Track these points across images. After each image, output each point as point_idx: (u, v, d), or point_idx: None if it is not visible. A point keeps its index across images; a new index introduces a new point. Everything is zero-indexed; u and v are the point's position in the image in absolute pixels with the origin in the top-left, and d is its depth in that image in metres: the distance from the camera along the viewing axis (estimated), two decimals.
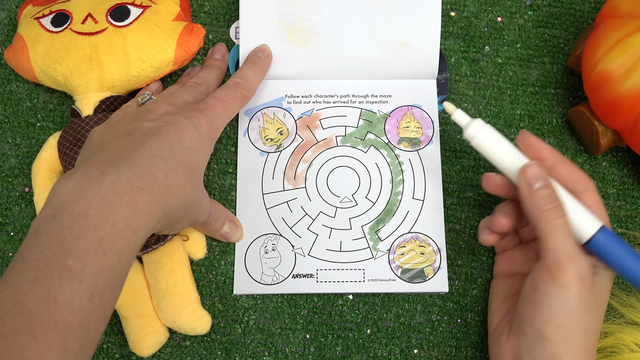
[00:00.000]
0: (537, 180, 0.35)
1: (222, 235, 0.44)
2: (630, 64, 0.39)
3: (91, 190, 0.30)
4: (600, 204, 0.36)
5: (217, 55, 0.48)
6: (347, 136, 0.47)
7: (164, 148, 0.34)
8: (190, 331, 0.42)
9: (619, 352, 0.41)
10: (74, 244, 0.29)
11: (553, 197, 0.34)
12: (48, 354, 0.27)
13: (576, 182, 0.36)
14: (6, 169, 0.47)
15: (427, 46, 0.47)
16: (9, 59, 0.47)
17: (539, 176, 0.35)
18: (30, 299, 0.28)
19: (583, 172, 0.36)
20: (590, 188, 0.36)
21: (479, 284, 0.44)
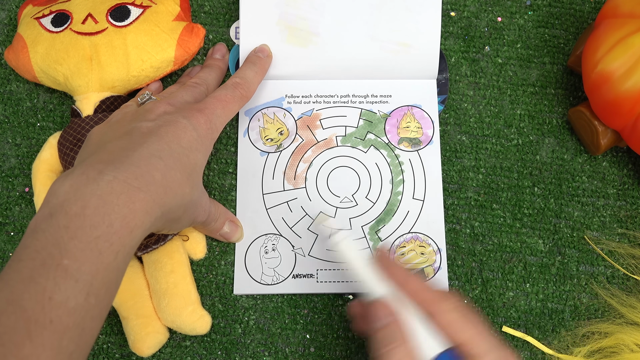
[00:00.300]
0: (380, 318, 0.34)
1: (222, 236, 0.44)
2: (631, 64, 0.39)
3: (88, 190, 0.30)
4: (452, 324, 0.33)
5: (217, 55, 0.48)
6: (347, 136, 0.47)
7: (162, 148, 0.34)
8: (190, 331, 0.42)
9: (619, 352, 0.41)
10: (70, 244, 0.29)
11: (392, 337, 0.33)
12: (43, 353, 0.27)
13: (422, 304, 0.34)
14: (6, 169, 0.47)
15: (427, 46, 0.47)
16: (9, 59, 0.47)
17: (379, 315, 0.34)
18: (26, 298, 0.28)
19: (429, 292, 0.34)
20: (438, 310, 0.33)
21: (479, 284, 0.44)
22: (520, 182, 0.47)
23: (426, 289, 0.34)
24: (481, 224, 0.46)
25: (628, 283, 0.44)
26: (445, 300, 0.33)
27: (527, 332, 0.43)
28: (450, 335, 0.33)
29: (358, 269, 0.36)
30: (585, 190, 0.47)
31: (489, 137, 0.48)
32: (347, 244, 0.37)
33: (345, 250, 0.37)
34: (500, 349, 0.32)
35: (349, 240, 0.37)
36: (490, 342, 0.32)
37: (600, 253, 0.45)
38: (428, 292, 0.34)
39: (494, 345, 0.32)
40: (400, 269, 0.35)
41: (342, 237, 0.38)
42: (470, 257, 0.45)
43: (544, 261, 0.45)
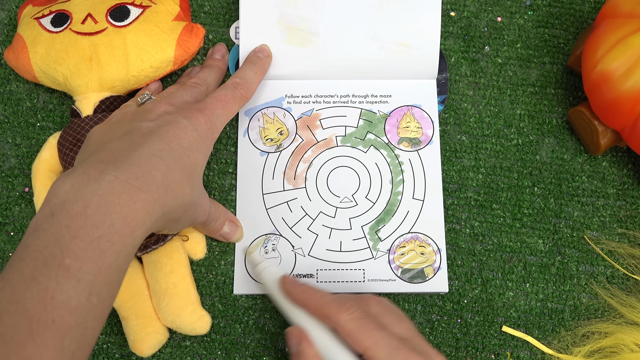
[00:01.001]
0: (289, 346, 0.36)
1: (222, 236, 0.44)
2: (630, 64, 0.39)
3: (89, 190, 0.30)
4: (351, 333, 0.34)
5: (217, 55, 0.48)
6: (347, 136, 0.47)
7: (162, 148, 0.34)
8: (190, 331, 0.42)
9: (619, 352, 0.41)
10: (71, 243, 0.29)
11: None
12: (45, 353, 0.27)
13: (325, 319, 0.35)
14: (6, 169, 0.47)
15: (427, 46, 0.47)
16: (9, 59, 0.47)
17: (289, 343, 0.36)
18: (28, 297, 0.28)
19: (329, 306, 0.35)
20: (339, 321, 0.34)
21: (479, 284, 0.44)
22: (520, 182, 0.47)
23: (326, 304, 0.35)
24: (481, 224, 0.46)
25: (628, 283, 0.44)
26: (344, 312, 0.34)
27: (527, 332, 0.43)
28: (353, 344, 0.34)
29: (276, 298, 0.38)
30: (585, 190, 0.47)
31: (489, 137, 0.48)
32: (267, 273, 0.39)
33: (265, 281, 0.40)
34: (399, 352, 0.33)
35: (269, 270, 0.40)
36: (389, 347, 0.33)
37: (600, 253, 0.45)
38: (327, 306, 0.35)
39: (393, 349, 0.33)
40: (301, 290, 0.37)
41: (262, 267, 0.40)
42: (470, 257, 0.45)
43: (544, 261, 0.45)
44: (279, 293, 0.38)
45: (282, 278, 0.38)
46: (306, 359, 0.35)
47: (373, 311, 0.36)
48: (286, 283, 0.38)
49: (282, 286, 0.38)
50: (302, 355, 0.35)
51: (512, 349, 0.43)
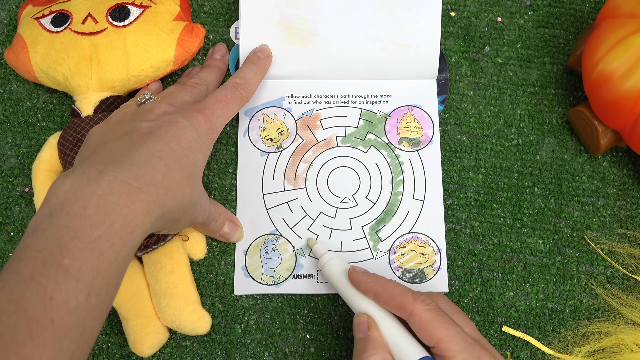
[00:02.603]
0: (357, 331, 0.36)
1: (222, 236, 0.44)
2: (631, 64, 0.39)
3: (89, 190, 0.30)
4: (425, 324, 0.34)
5: (217, 55, 0.48)
6: (348, 136, 0.47)
7: (162, 148, 0.34)
8: (190, 331, 0.42)
9: (619, 352, 0.41)
10: (70, 243, 0.29)
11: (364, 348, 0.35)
12: (44, 353, 0.27)
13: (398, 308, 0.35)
14: (6, 169, 0.47)
15: (427, 46, 0.47)
16: (9, 59, 0.47)
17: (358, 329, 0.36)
18: (27, 297, 0.28)
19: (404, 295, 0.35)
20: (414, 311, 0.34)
21: (479, 284, 0.44)
22: (520, 182, 0.47)
23: (400, 294, 0.35)
24: (481, 224, 0.46)
25: (628, 283, 0.44)
26: (420, 302, 0.35)
27: (527, 332, 0.43)
28: (426, 335, 0.34)
29: (341, 289, 0.39)
30: (585, 190, 0.47)
31: (489, 137, 0.48)
32: (331, 265, 0.40)
33: (329, 272, 0.40)
34: (473, 348, 0.33)
35: (333, 262, 0.40)
36: (464, 342, 0.33)
37: (600, 253, 0.45)
38: (402, 295, 0.35)
39: (467, 344, 0.33)
40: (374, 280, 0.37)
41: (327, 259, 0.40)
42: (470, 257, 0.45)
43: (544, 261, 0.45)
44: (345, 283, 0.38)
45: (352, 268, 0.38)
46: (374, 344, 0.35)
47: (444, 307, 0.36)
48: (357, 273, 0.38)
49: (352, 276, 0.38)
50: (369, 341, 0.35)
51: (512, 349, 0.43)
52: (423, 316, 0.34)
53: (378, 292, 0.36)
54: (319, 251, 0.42)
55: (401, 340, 0.35)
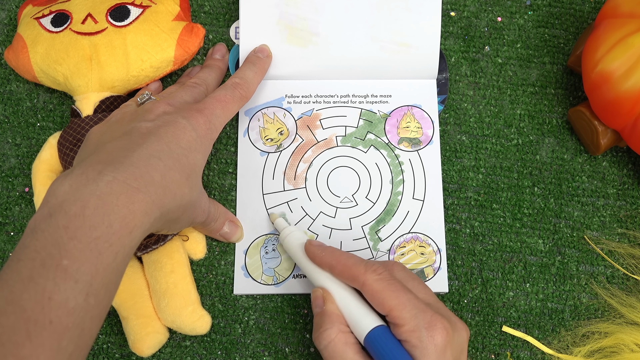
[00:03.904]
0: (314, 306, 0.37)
1: (222, 236, 0.44)
2: (630, 64, 0.39)
3: (87, 190, 0.30)
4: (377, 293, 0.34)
5: (217, 55, 0.48)
6: (347, 136, 0.47)
7: (161, 148, 0.34)
8: (190, 331, 0.42)
9: (619, 352, 0.41)
10: (69, 244, 0.29)
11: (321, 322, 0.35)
12: (42, 354, 0.27)
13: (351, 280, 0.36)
14: (6, 169, 0.47)
15: (427, 46, 0.47)
16: (9, 59, 0.47)
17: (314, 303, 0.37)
18: (25, 298, 0.28)
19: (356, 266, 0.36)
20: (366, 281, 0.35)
21: (479, 284, 0.44)
22: (520, 182, 0.47)
23: (353, 265, 0.36)
24: (481, 224, 0.46)
25: (628, 283, 0.44)
26: (372, 272, 0.35)
27: (527, 332, 0.43)
28: (378, 304, 0.34)
29: (300, 262, 0.39)
30: (585, 190, 0.47)
31: (489, 137, 0.48)
32: (291, 239, 0.41)
33: (288, 246, 0.41)
34: (425, 314, 0.33)
35: (293, 236, 0.41)
36: (415, 308, 0.34)
37: (600, 253, 0.45)
38: (355, 267, 0.36)
39: (418, 310, 0.33)
40: (328, 253, 0.37)
41: (287, 233, 0.41)
42: (470, 257, 0.45)
43: (544, 261, 0.45)
44: (303, 257, 0.39)
45: (308, 241, 0.39)
46: (330, 318, 0.35)
47: (398, 276, 0.36)
48: (312, 246, 0.38)
49: (308, 249, 0.39)
50: (325, 315, 0.36)
51: (512, 349, 0.43)
52: (374, 286, 0.35)
53: (332, 264, 0.37)
54: (280, 225, 0.43)
55: (356, 311, 0.35)
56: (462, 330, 0.35)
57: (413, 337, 0.33)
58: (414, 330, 0.33)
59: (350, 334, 0.35)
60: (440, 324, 0.33)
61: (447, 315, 0.35)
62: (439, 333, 0.33)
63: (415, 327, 0.33)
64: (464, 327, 0.35)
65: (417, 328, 0.33)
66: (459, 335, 0.34)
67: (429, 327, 0.33)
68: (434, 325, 0.33)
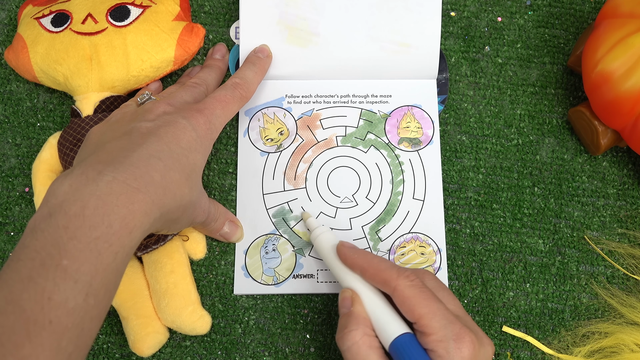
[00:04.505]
0: (342, 306, 0.37)
1: (222, 236, 0.44)
2: (631, 64, 0.39)
3: (87, 190, 0.30)
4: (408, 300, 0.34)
5: (217, 55, 0.48)
6: (348, 136, 0.47)
7: (161, 148, 0.34)
8: (190, 331, 0.42)
9: (619, 352, 0.41)
10: (69, 244, 0.29)
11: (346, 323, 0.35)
12: (42, 354, 0.27)
13: (383, 284, 0.35)
14: (6, 169, 0.47)
15: (427, 46, 0.47)
16: (9, 59, 0.47)
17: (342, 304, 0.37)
18: (25, 298, 0.28)
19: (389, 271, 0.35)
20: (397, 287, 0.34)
21: (479, 284, 0.44)
22: (520, 182, 0.47)
23: (386, 269, 0.36)
24: (481, 224, 0.46)
25: (628, 283, 0.44)
26: (404, 278, 0.35)
27: (527, 332, 0.43)
28: (408, 311, 0.34)
29: (330, 263, 0.39)
30: (585, 190, 0.47)
31: (489, 137, 0.48)
32: (322, 240, 0.40)
33: (319, 246, 0.40)
34: (454, 325, 0.33)
35: (324, 236, 0.40)
36: (445, 319, 0.33)
37: (600, 253, 0.45)
38: (387, 271, 0.35)
39: (448, 321, 0.33)
40: (360, 255, 0.37)
41: (318, 233, 0.41)
42: (470, 257, 0.45)
43: (544, 261, 0.45)
44: (334, 257, 0.39)
45: (340, 243, 0.39)
46: (356, 319, 0.35)
47: (429, 285, 0.36)
48: (345, 247, 0.38)
49: (340, 250, 0.38)
50: (352, 316, 0.35)
51: (512, 349, 0.43)
52: (406, 292, 0.34)
53: (364, 267, 0.37)
54: (311, 225, 0.43)
55: (383, 316, 0.35)
56: (488, 346, 0.34)
57: (440, 347, 0.33)
58: (442, 341, 0.33)
59: (375, 338, 0.35)
60: (469, 337, 0.33)
61: (474, 329, 0.34)
62: (467, 346, 0.33)
63: (443, 337, 0.33)
64: (489, 343, 0.35)
65: (445, 339, 0.33)
66: (485, 350, 0.34)
67: (457, 339, 0.33)
68: (462, 337, 0.33)
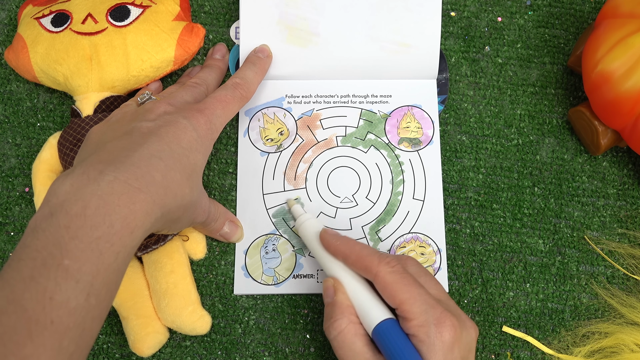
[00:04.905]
0: (325, 296, 0.37)
1: (222, 236, 0.44)
2: (631, 64, 0.39)
3: (89, 190, 0.30)
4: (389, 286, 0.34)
5: (217, 55, 0.48)
6: (348, 136, 0.47)
7: (162, 148, 0.34)
8: (190, 331, 0.42)
9: (619, 352, 0.41)
10: (70, 244, 0.29)
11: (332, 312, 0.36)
12: (43, 354, 0.27)
13: (364, 270, 0.36)
14: (6, 169, 0.47)
15: (427, 46, 0.47)
16: (9, 59, 0.47)
17: (325, 293, 0.37)
18: (26, 298, 0.28)
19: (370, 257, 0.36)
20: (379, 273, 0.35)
21: (479, 284, 0.44)
22: (520, 182, 0.47)
23: (367, 255, 0.36)
24: (481, 224, 0.46)
25: (628, 283, 0.45)
26: (385, 264, 0.35)
27: (527, 332, 0.43)
28: (389, 297, 0.34)
29: (314, 250, 0.39)
30: (585, 190, 0.47)
31: (489, 137, 0.48)
32: (307, 227, 0.40)
33: (304, 234, 0.41)
34: (434, 310, 0.33)
35: (309, 223, 0.41)
36: (426, 304, 0.34)
37: (600, 253, 0.45)
38: (369, 257, 0.36)
39: (429, 306, 0.33)
40: (342, 242, 0.37)
41: (303, 220, 0.41)
42: (470, 257, 0.45)
43: (544, 261, 0.45)
44: (318, 245, 0.39)
45: (323, 230, 0.39)
46: (340, 308, 0.35)
47: (411, 270, 0.36)
48: (327, 235, 0.38)
49: (323, 237, 0.38)
50: (336, 305, 0.36)
51: (512, 349, 0.43)
52: (387, 278, 0.34)
53: (346, 254, 0.37)
54: (296, 212, 0.43)
55: (366, 303, 0.35)
56: (471, 329, 0.35)
57: (421, 332, 0.33)
58: (423, 326, 0.33)
59: (360, 325, 0.35)
60: (449, 321, 0.33)
61: (456, 313, 0.35)
62: (447, 330, 0.33)
63: (424, 322, 0.33)
64: (473, 326, 0.35)
65: (426, 323, 0.33)
66: (468, 333, 0.34)
67: (438, 323, 0.33)
68: (442, 321, 0.33)
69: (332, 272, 0.38)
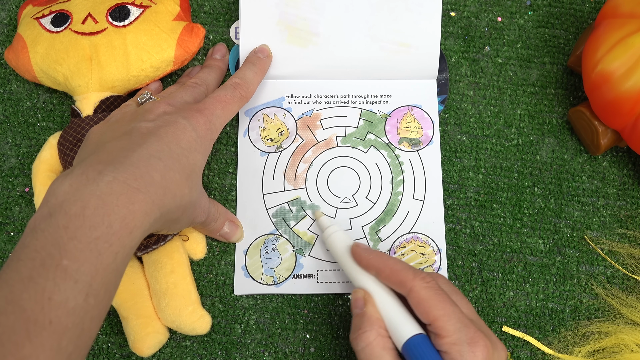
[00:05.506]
0: (354, 307, 0.37)
1: (222, 236, 0.44)
2: (631, 64, 0.39)
3: (88, 190, 0.30)
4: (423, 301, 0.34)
5: (217, 56, 0.48)
6: (348, 136, 0.47)
7: (161, 148, 0.34)
8: (190, 331, 0.42)
9: (619, 352, 0.41)
10: (69, 244, 0.29)
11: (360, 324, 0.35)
12: (42, 354, 0.27)
13: (398, 285, 0.35)
14: (6, 169, 0.47)
15: (427, 46, 0.47)
16: (9, 59, 0.47)
17: (354, 304, 0.37)
18: (25, 298, 0.28)
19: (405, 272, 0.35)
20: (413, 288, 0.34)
21: (479, 284, 0.44)
22: (520, 182, 0.47)
23: (401, 270, 0.35)
24: (481, 224, 0.46)
25: (628, 283, 0.44)
26: (420, 280, 0.34)
27: (527, 332, 0.43)
28: (423, 312, 0.34)
29: (343, 263, 0.39)
30: (585, 190, 0.47)
31: (489, 137, 0.48)
32: (335, 239, 0.40)
33: (332, 246, 0.40)
34: (468, 329, 0.33)
35: (337, 235, 0.40)
36: (459, 322, 0.33)
37: (600, 253, 0.45)
38: (403, 272, 0.35)
39: (462, 325, 0.33)
40: (375, 256, 0.37)
41: (331, 232, 0.40)
42: (470, 257, 0.45)
43: (544, 261, 0.45)
44: (347, 257, 0.39)
45: (355, 244, 0.39)
46: (369, 320, 0.35)
47: (444, 287, 0.36)
48: (359, 249, 0.38)
49: (355, 251, 0.38)
50: (365, 317, 0.35)
51: (513, 349, 0.43)
52: (422, 293, 0.34)
53: (379, 268, 0.36)
54: (324, 223, 0.42)
55: (397, 317, 0.35)
56: (502, 351, 0.34)
57: (454, 349, 0.32)
58: (456, 344, 0.32)
59: (388, 339, 0.35)
60: (483, 342, 0.33)
61: (488, 334, 0.34)
62: (480, 350, 0.32)
63: (457, 340, 0.32)
64: (503, 348, 0.35)
65: (460, 342, 0.32)
66: (499, 355, 0.34)
67: (471, 342, 0.32)
68: (476, 341, 0.33)
69: (362, 285, 0.37)
